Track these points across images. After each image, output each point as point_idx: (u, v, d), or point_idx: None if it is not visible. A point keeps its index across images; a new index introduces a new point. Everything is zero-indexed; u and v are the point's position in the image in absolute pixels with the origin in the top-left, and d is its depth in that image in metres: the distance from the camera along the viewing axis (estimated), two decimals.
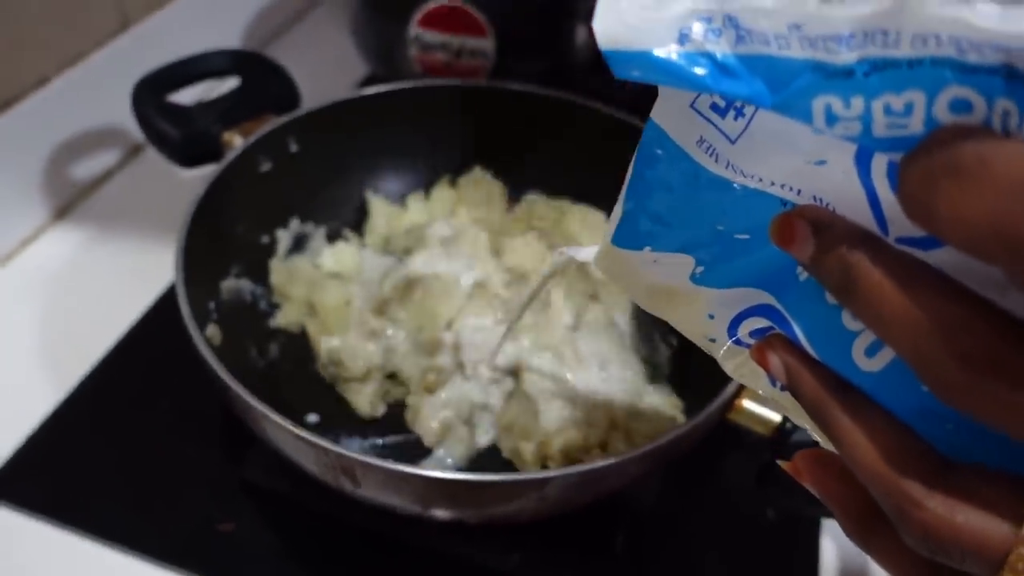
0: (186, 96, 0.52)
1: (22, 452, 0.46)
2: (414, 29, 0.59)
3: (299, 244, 0.52)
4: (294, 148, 0.51)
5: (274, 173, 0.50)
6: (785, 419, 0.38)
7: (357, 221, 0.55)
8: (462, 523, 0.39)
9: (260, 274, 0.50)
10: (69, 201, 0.62)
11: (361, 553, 0.43)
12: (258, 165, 0.49)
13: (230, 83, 0.53)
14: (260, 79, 0.52)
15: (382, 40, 0.62)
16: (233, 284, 0.48)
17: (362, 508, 0.38)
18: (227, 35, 0.76)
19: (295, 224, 0.52)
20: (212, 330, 0.44)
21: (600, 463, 0.34)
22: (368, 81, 0.73)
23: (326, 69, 0.76)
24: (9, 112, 0.55)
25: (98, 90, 0.61)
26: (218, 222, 0.46)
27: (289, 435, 0.35)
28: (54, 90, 0.58)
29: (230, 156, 0.47)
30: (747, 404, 0.39)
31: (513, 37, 0.57)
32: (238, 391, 0.36)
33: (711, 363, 0.26)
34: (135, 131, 0.51)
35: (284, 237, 0.52)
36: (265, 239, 0.51)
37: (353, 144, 0.54)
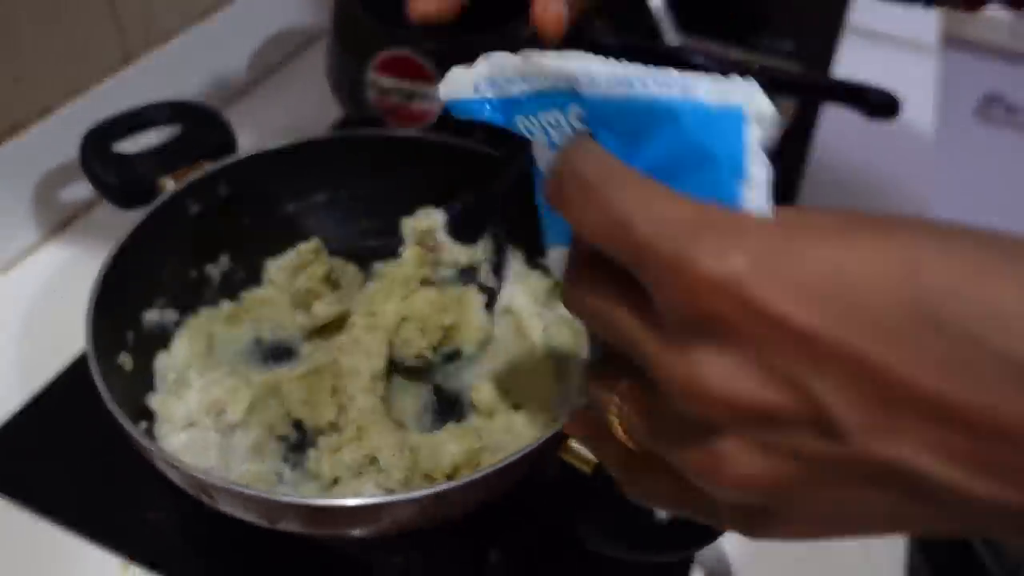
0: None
1: None
2: (371, 74, 0.64)
3: (227, 279, 0.58)
4: (224, 192, 0.56)
5: (204, 214, 0.55)
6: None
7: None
8: None
9: (185, 306, 0.55)
10: (60, 223, 0.69)
11: (271, 547, 0.48)
12: (188, 207, 0.55)
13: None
14: (198, 128, 0.58)
15: (349, 83, 0.68)
16: (156, 315, 0.53)
17: None
18: (223, 70, 0.83)
19: (224, 260, 0.58)
20: (124, 358, 0.49)
21: (415, 493, 0.38)
22: (342, 123, 0.79)
23: (306, 109, 0.82)
24: (11, 140, 0.63)
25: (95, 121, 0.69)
26: (143, 258, 0.51)
27: (153, 455, 0.40)
28: (55, 121, 0.66)
29: (159, 199, 0.53)
30: (574, 444, 0.42)
31: None
32: (115, 412, 0.41)
33: None
34: None
35: (214, 272, 0.57)
36: (194, 274, 0.56)
37: (282, 190, 0.59)
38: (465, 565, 0.49)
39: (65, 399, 0.56)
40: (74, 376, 0.58)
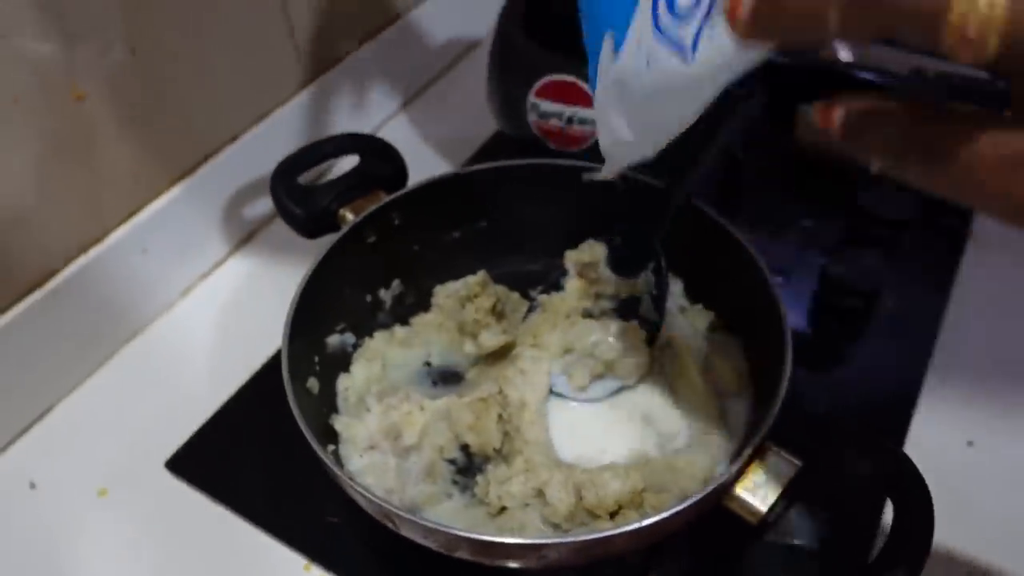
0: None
1: (193, 440, 0.60)
2: (532, 98, 0.67)
3: (398, 302, 0.62)
4: (397, 222, 0.60)
5: (379, 243, 0.59)
6: (771, 510, 0.42)
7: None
8: None
9: (361, 329, 0.59)
10: (244, 238, 0.75)
11: (438, 557, 0.49)
12: (366, 237, 0.58)
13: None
14: (374, 159, 0.62)
15: (509, 106, 0.70)
16: (337, 339, 0.58)
17: None
18: (386, 85, 0.87)
19: (396, 285, 0.61)
20: (312, 382, 0.54)
21: (584, 536, 0.40)
22: (496, 137, 0.81)
23: (463, 121, 0.86)
24: (204, 166, 0.69)
25: (274, 145, 0.74)
26: (328, 287, 0.55)
27: (343, 482, 0.44)
28: (240, 145, 0.72)
29: (342, 231, 0.57)
30: (739, 493, 0.43)
31: None
32: (308, 438, 0.45)
33: None
34: None
35: (386, 296, 0.61)
36: (369, 298, 0.60)
37: (448, 217, 0.62)
38: None
39: (253, 404, 0.62)
40: (260, 383, 0.63)
